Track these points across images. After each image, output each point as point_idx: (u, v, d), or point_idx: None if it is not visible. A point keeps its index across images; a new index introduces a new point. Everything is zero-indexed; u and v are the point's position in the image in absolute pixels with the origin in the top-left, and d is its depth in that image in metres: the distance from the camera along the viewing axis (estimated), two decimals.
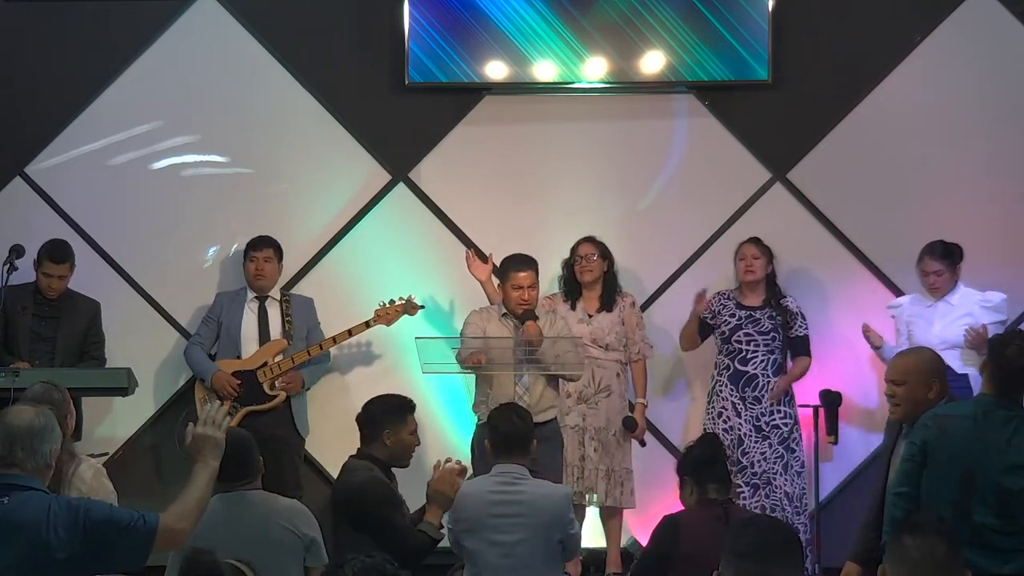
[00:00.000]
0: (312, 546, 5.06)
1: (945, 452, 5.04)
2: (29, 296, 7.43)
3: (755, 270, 7.44)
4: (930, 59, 7.95)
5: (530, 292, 7.10)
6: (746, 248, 7.50)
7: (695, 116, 8.03)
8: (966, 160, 7.93)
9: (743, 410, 7.32)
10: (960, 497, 4.98)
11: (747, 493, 7.20)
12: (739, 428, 7.30)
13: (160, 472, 7.96)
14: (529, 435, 5.62)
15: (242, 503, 5.07)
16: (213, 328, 7.63)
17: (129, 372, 7.17)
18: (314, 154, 8.08)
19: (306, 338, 7.59)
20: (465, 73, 7.94)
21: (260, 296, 7.64)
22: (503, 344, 7.02)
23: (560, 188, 8.02)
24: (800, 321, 7.44)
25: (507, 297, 7.14)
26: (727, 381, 7.37)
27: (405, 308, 7.56)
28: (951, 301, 7.32)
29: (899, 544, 3.24)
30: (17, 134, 8.04)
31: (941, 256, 7.32)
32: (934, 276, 7.33)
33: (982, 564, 5.05)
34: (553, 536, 5.38)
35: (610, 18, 7.90)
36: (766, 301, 7.45)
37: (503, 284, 7.19)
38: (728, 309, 7.47)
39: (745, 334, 7.38)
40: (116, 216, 8.04)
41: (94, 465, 5.40)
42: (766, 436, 7.26)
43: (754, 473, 7.23)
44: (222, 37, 8.07)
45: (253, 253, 7.63)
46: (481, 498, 5.45)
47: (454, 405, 7.81)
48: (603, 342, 7.34)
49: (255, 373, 7.46)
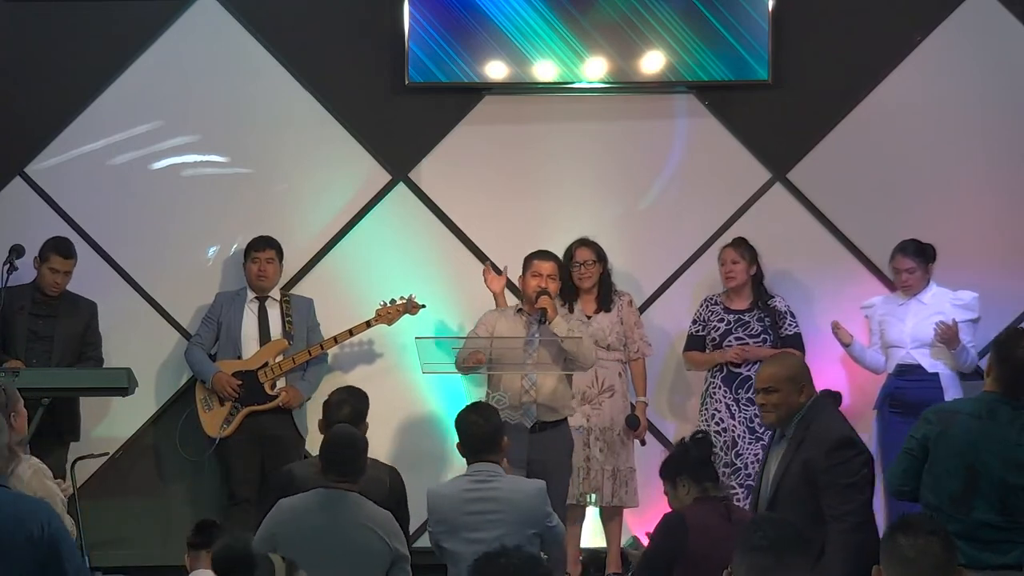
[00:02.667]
0: (399, 560, 5.13)
1: (948, 447, 5.06)
2: (27, 296, 7.44)
3: (735, 275, 7.43)
4: (930, 59, 7.95)
5: (548, 282, 7.06)
6: (725, 253, 7.49)
7: (695, 116, 8.03)
8: (966, 160, 7.93)
9: (737, 411, 7.31)
10: (962, 493, 4.99)
11: (741, 495, 7.17)
12: (733, 429, 7.29)
13: (160, 472, 7.96)
14: (495, 433, 5.61)
15: (342, 502, 5.13)
16: (213, 328, 7.63)
17: (129, 372, 7.17)
18: (314, 154, 8.07)
19: (306, 338, 7.59)
20: (465, 73, 7.94)
21: (260, 296, 7.64)
22: (510, 344, 6.99)
23: (560, 188, 8.02)
24: (790, 320, 7.43)
25: (526, 287, 7.11)
26: (720, 383, 7.36)
27: (406, 307, 7.56)
28: (923, 300, 7.35)
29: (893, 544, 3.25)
30: (17, 134, 8.04)
31: (914, 254, 7.35)
32: (906, 274, 7.36)
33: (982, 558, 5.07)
34: (526, 531, 5.38)
35: (610, 18, 7.89)
36: (753, 303, 7.45)
37: (523, 275, 7.15)
38: (716, 315, 7.46)
39: (736, 338, 7.38)
40: (116, 216, 8.04)
41: (35, 465, 5.35)
42: (759, 438, 7.24)
43: (748, 475, 7.20)
44: (222, 37, 8.07)
45: (255, 254, 7.63)
46: (456, 497, 5.48)
47: (454, 405, 7.79)
48: (604, 343, 7.33)
49: (256, 373, 7.46)
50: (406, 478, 6.17)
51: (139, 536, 7.88)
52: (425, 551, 7.47)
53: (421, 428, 7.94)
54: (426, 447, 7.89)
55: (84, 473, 7.62)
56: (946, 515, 5.20)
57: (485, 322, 7.14)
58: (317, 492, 5.16)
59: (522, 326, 7.06)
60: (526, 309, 7.11)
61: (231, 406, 7.43)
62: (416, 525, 7.69)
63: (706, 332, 7.48)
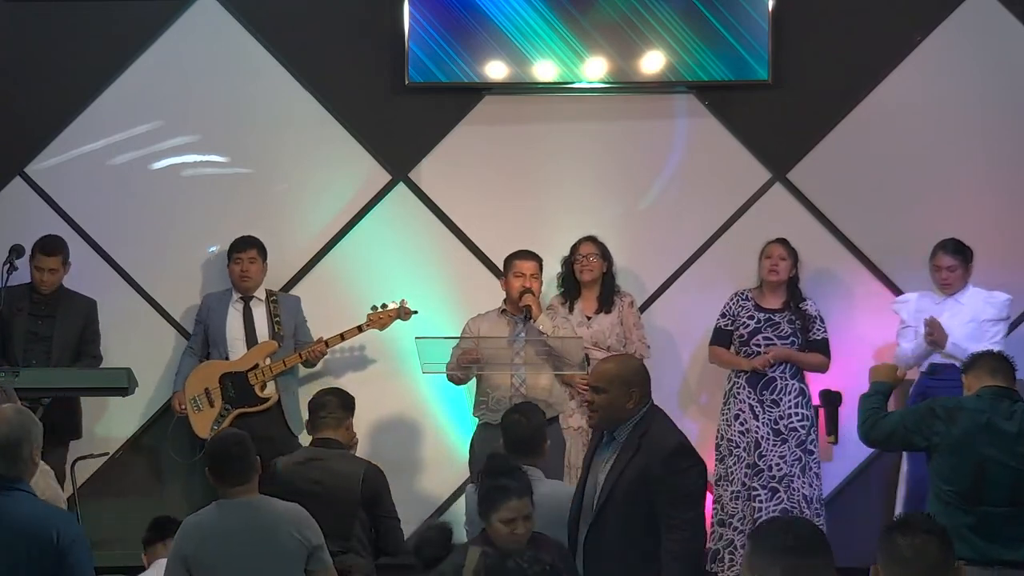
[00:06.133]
0: (317, 551, 4.96)
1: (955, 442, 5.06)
2: (25, 296, 7.44)
3: (779, 271, 7.38)
4: (930, 59, 7.95)
5: (532, 281, 7.07)
6: (773, 248, 7.43)
7: (695, 116, 8.03)
8: (966, 160, 7.92)
9: (761, 412, 7.26)
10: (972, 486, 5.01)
11: (764, 496, 7.15)
12: (756, 431, 7.23)
13: (160, 472, 7.97)
14: (536, 433, 5.64)
15: (243, 510, 4.90)
16: (200, 333, 7.65)
17: (129, 372, 7.18)
18: (314, 154, 8.08)
19: (293, 335, 7.59)
20: (465, 73, 7.94)
21: (245, 296, 7.64)
22: (497, 343, 7.01)
23: (560, 188, 8.02)
24: (819, 324, 7.37)
25: (509, 288, 7.13)
26: (745, 383, 7.31)
27: (398, 313, 7.55)
28: (960, 300, 7.28)
29: (891, 543, 3.24)
30: (17, 134, 8.05)
31: (955, 252, 7.28)
32: (947, 272, 7.28)
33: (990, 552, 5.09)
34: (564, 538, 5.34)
35: (610, 18, 7.89)
36: (785, 304, 7.40)
37: (506, 276, 7.18)
38: (746, 311, 7.41)
39: (764, 338, 7.33)
40: (116, 216, 8.04)
41: (41, 467, 5.36)
42: (784, 439, 7.20)
43: (772, 476, 7.17)
44: (222, 37, 8.07)
45: (237, 255, 7.63)
46: None
47: (454, 406, 7.81)
48: (604, 344, 7.33)
49: (246, 375, 7.45)
50: (406, 479, 6.18)
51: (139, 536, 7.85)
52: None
53: (421, 428, 7.94)
54: (426, 448, 7.89)
55: (84, 473, 7.64)
56: (957, 508, 5.23)
57: (469, 328, 7.17)
58: (218, 505, 4.93)
59: (506, 327, 7.07)
60: (510, 310, 7.12)
61: (221, 407, 7.43)
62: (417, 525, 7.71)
63: (734, 327, 7.43)
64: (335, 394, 6.26)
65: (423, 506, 7.76)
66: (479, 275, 7.97)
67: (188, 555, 4.84)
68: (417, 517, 7.64)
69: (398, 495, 6.23)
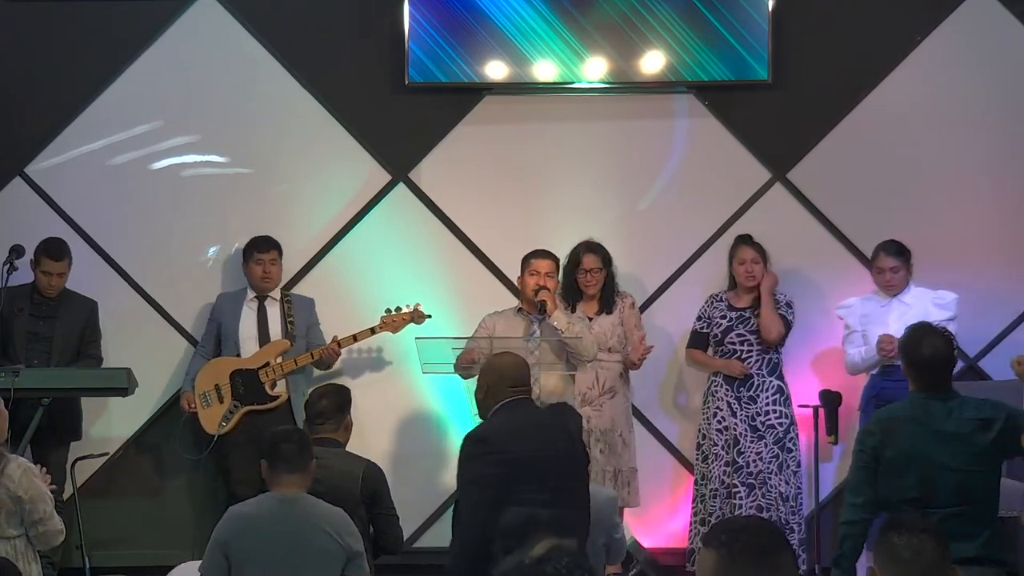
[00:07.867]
0: (356, 558, 5.03)
1: (895, 453, 5.01)
2: (26, 297, 7.44)
3: (756, 275, 7.42)
4: (930, 59, 7.95)
5: (547, 279, 7.07)
6: (745, 252, 7.45)
7: (695, 116, 8.02)
8: (966, 160, 7.92)
9: (738, 409, 7.31)
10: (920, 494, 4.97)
11: (743, 493, 7.19)
12: (735, 428, 7.28)
13: (160, 472, 7.97)
14: None
15: (292, 505, 5.01)
16: (213, 332, 7.65)
17: (129, 372, 7.17)
18: (314, 154, 8.07)
19: (305, 336, 7.59)
20: (465, 73, 7.93)
21: (260, 296, 7.64)
22: (511, 344, 6.99)
23: (560, 188, 8.02)
24: (784, 309, 7.39)
25: (524, 286, 7.13)
26: (722, 381, 7.36)
27: (412, 317, 7.54)
28: (905, 300, 7.33)
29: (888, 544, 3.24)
30: (17, 134, 8.04)
31: (897, 253, 7.33)
32: (891, 273, 7.33)
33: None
34: (599, 539, 5.32)
35: (610, 18, 7.89)
36: (756, 299, 7.43)
37: (521, 275, 7.17)
38: (719, 311, 7.46)
39: (738, 335, 7.38)
40: (116, 216, 8.04)
41: (23, 464, 5.37)
42: (761, 436, 7.25)
43: (749, 473, 7.21)
44: (222, 37, 8.07)
45: (259, 256, 7.62)
46: None
47: (454, 406, 7.81)
48: (606, 345, 7.33)
49: (257, 372, 7.45)
50: (405, 479, 6.17)
51: (139, 536, 7.88)
52: (426, 551, 7.53)
53: (421, 429, 7.94)
54: (426, 448, 7.89)
55: (84, 473, 7.63)
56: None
57: (485, 325, 7.16)
58: (268, 496, 5.05)
59: (522, 326, 7.07)
60: (526, 309, 7.12)
61: (231, 403, 7.42)
62: (418, 525, 7.71)
63: (709, 329, 7.48)
64: (329, 397, 6.21)
65: (423, 506, 7.76)
66: (479, 275, 7.97)
67: (227, 542, 4.93)
68: (417, 516, 7.65)
69: (398, 495, 6.22)
